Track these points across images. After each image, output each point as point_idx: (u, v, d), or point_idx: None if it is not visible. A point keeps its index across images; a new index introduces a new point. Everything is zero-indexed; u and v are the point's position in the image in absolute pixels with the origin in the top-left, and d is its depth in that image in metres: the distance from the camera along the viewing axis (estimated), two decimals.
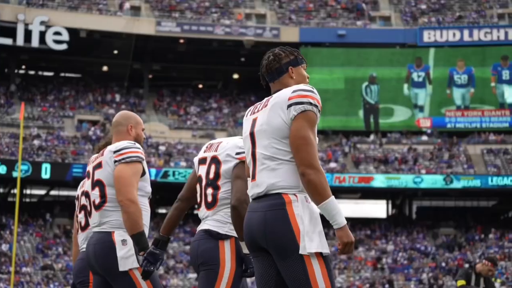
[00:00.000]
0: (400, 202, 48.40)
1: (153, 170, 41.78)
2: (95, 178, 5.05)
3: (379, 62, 48.49)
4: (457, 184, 42.79)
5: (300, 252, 3.76)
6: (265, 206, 3.86)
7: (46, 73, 51.92)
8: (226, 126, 48.39)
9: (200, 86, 53.31)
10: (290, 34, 48.19)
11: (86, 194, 5.16)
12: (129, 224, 4.75)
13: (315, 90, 3.96)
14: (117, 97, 49.70)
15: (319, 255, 3.79)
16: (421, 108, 48.30)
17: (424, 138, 47.69)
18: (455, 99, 48.16)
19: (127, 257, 4.86)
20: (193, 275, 38.16)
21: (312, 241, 3.77)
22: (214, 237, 4.53)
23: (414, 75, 48.34)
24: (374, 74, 48.37)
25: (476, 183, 42.72)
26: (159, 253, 4.73)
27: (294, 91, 3.91)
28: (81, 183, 6.08)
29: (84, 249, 5.74)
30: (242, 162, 4.51)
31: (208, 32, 47.70)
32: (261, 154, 3.92)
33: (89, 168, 5.17)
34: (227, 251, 4.53)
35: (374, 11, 50.70)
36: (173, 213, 4.84)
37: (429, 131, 47.87)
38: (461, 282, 10.39)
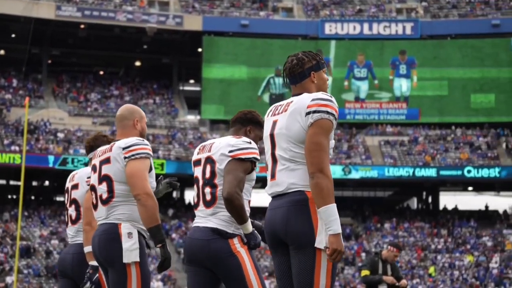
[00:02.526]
0: None
1: (51, 157, 40.96)
2: (103, 173, 5.08)
3: (281, 54, 48.90)
4: (355, 175, 43.71)
5: (317, 245, 3.98)
6: (288, 202, 4.09)
7: None
8: None
9: (101, 72, 52.51)
10: (193, 22, 48.04)
11: (92, 188, 5.19)
12: (147, 217, 4.84)
13: (333, 99, 4.14)
14: (14, 82, 48.39)
15: None
16: None
17: None
18: (353, 91, 49.12)
19: (131, 250, 4.94)
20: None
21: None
22: (223, 236, 4.69)
23: None
24: (280, 67, 48.76)
25: (374, 173, 43.74)
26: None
27: (313, 100, 4.10)
28: (70, 176, 6.11)
29: (73, 243, 5.94)
30: (234, 159, 4.66)
31: (110, 18, 46.99)
32: (281, 156, 4.16)
33: (95, 161, 5.19)
34: (237, 245, 4.71)
35: (277, 2, 51.08)
36: None
37: None
38: (365, 272, 10.37)
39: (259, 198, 47.65)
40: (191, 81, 53.84)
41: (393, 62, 49.13)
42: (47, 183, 47.34)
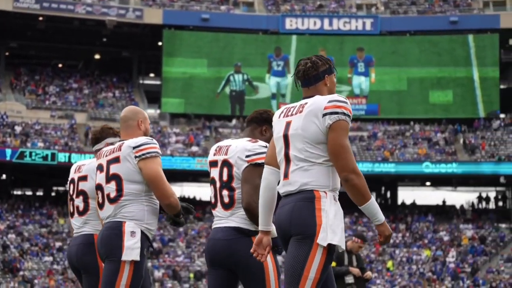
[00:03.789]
0: None
1: (9, 151, 40.47)
2: (111, 172, 5.14)
3: (243, 48, 48.86)
4: None
5: (319, 241, 4.13)
6: (296, 199, 4.23)
7: None
8: (86, 107, 47.47)
9: (60, 65, 52.00)
10: (154, 16, 47.78)
11: (98, 187, 5.23)
12: (173, 209, 5.11)
13: (347, 101, 4.29)
14: None
15: (326, 249, 4.18)
16: (283, 96, 49.12)
17: None
18: None
19: (133, 248, 5.03)
20: (48, 258, 37.28)
21: (335, 234, 4.17)
22: (246, 234, 4.78)
23: (274, 64, 49.07)
24: (239, 64, 48.69)
25: None
26: None
27: (330, 101, 4.24)
28: (76, 167, 5.97)
29: (79, 234, 5.89)
30: (251, 165, 4.79)
31: (69, 10, 46.51)
32: (295, 156, 4.26)
33: (102, 161, 5.24)
34: None
35: None
36: None
37: None
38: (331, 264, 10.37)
39: None
40: (151, 74, 53.56)
41: (351, 60, 49.37)
42: (4, 176, 46.77)
